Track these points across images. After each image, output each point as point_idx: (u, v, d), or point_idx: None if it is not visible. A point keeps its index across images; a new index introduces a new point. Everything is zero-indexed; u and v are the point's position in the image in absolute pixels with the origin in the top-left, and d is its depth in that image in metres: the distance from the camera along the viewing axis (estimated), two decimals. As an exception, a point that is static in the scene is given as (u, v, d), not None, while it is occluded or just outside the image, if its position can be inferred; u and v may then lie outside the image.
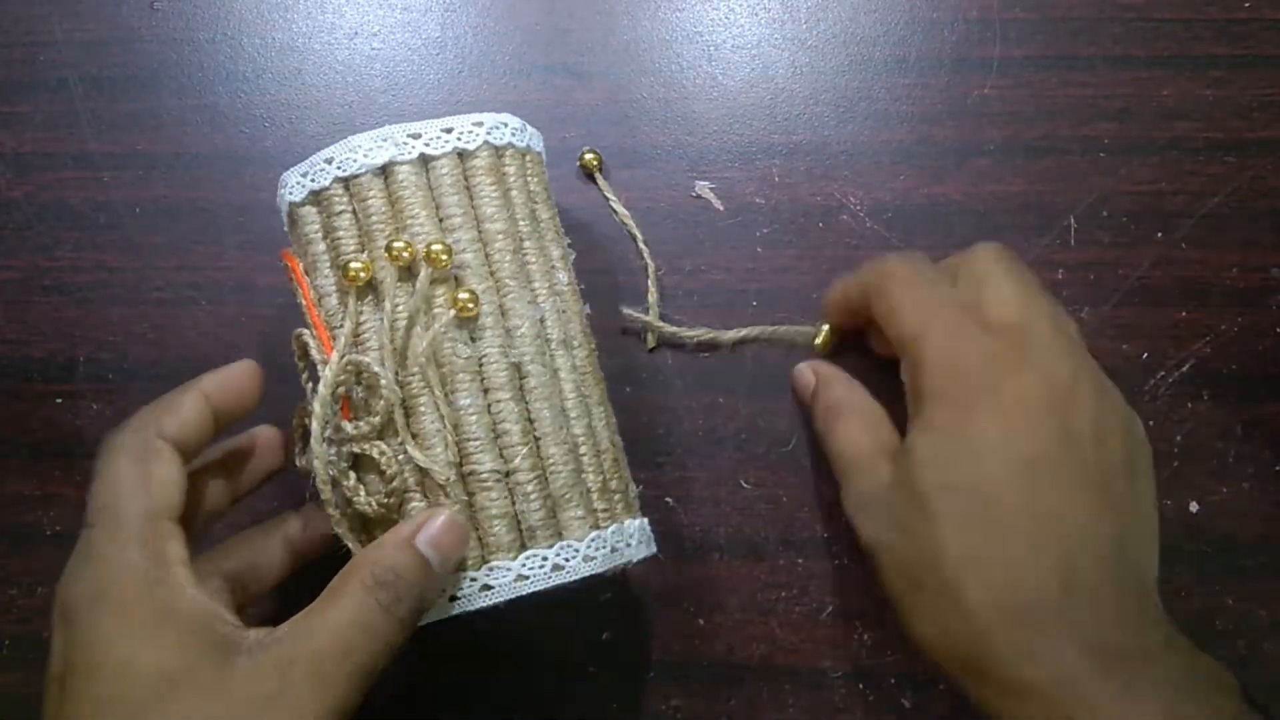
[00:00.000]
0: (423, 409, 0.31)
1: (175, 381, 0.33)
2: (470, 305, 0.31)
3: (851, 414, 0.35)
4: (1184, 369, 0.41)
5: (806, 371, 0.38)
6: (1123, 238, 0.42)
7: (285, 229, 0.35)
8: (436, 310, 0.32)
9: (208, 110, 0.44)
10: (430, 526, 0.29)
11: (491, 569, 0.31)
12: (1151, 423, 0.41)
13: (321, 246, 0.33)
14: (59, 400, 0.42)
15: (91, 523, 0.29)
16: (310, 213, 0.33)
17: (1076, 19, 0.44)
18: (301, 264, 0.33)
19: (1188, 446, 0.41)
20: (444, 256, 0.31)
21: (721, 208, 0.43)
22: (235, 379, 0.33)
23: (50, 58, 0.45)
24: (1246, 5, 0.44)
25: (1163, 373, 0.41)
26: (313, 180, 0.32)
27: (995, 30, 0.44)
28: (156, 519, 0.29)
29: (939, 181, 0.43)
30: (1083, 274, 0.42)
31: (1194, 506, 0.40)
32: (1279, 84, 0.43)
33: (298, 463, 0.33)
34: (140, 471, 0.29)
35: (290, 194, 0.33)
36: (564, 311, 0.34)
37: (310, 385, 0.33)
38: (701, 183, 0.43)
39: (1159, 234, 0.42)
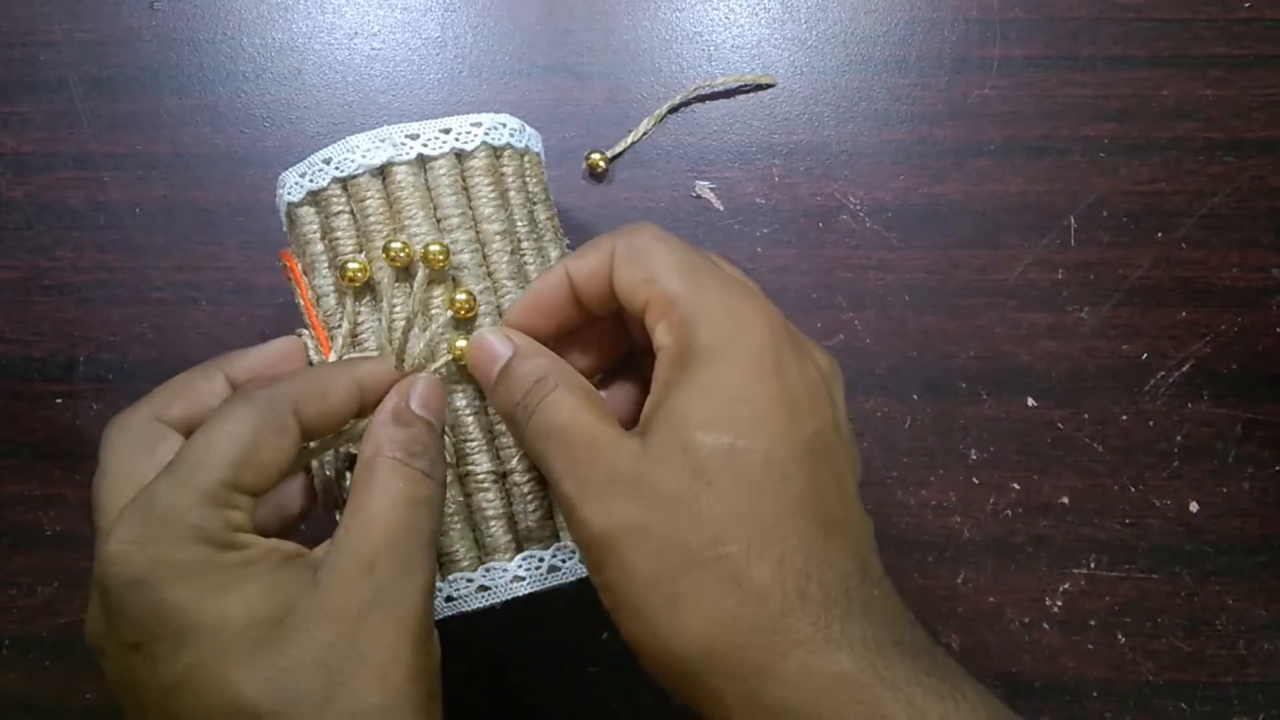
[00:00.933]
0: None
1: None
2: (467, 306, 0.31)
3: (566, 385, 0.28)
4: (1184, 369, 0.41)
5: (496, 341, 0.30)
6: (1123, 238, 0.42)
7: (284, 229, 0.35)
8: (434, 311, 0.32)
9: (208, 110, 0.44)
10: (417, 392, 0.29)
11: (488, 570, 0.31)
12: (1151, 423, 0.41)
13: (319, 247, 0.33)
14: (59, 400, 0.42)
15: (169, 471, 0.27)
16: (308, 213, 0.33)
17: (1076, 19, 0.44)
18: (300, 264, 0.33)
19: (1188, 446, 0.41)
20: (441, 257, 0.31)
21: (721, 208, 0.43)
22: (392, 374, 0.30)
23: (50, 58, 0.45)
24: (1246, 5, 0.44)
25: (1163, 373, 0.41)
26: (311, 180, 0.32)
27: (995, 30, 0.44)
28: (234, 491, 0.27)
29: (939, 181, 0.43)
30: (1083, 274, 0.42)
31: (1194, 506, 0.40)
32: (1279, 84, 0.43)
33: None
34: (252, 443, 0.27)
35: (288, 194, 0.33)
36: None
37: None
38: (701, 183, 0.43)
39: (1159, 234, 0.42)
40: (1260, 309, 0.41)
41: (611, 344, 0.32)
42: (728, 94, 0.44)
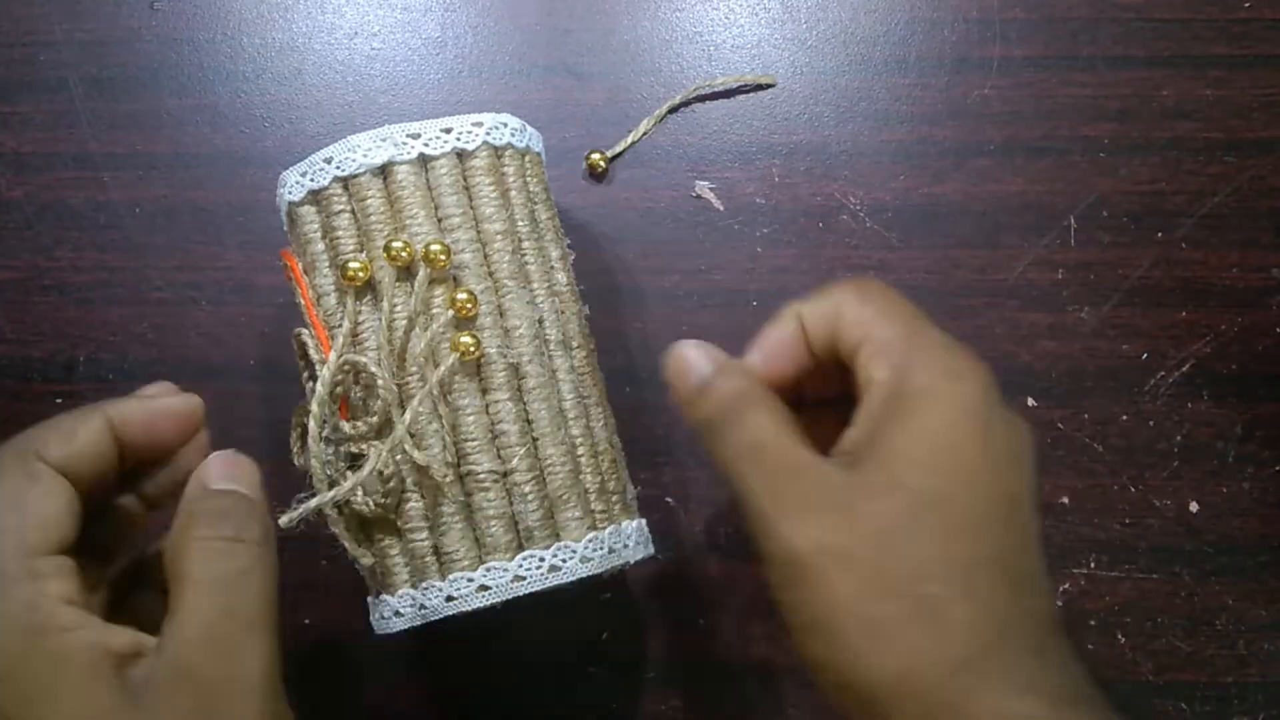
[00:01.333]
0: (421, 409, 0.31)
1: (175, 382, 0.32)
2: (468, 306, 0.31)
3: (765, 406, 0.28)
4: (1184, 369, 0.41)
5: (698, 355, 0.30)
6: (1123, 238, 0.42)
7: (284, 228, 0.35)
8: (435, 310, 0.32)
9: (208, 110, 0.44)
10: (212, 470, 0.28)
11: (488, 569, 0.31)
12: (1151, 423, 0.41)
13: (320, 246, 0.33)
14: (59, 400, 0.42)
15: None
16: (309, 212, 0.33)
17: (1076, 19, 0.44)
18: (300, 263, 0.33)
19: (1188, 446, 0.41)
20: (442, 257, 0.31)
21: (721, 208, 0.43)
22: (154, 412, 0.29)
23: (50, 58, 0.45)
24: (1246, 5, 0.44)
25: (1163, 373, 0.41)
26: (311, 180, 0.32)
27: (995, 30, 0.44)
28: (34, 557, 0.25)
29: (939, 181, 0.43)
30: (1083, 274, 0.42)
31: (1194, 506, 0.40)
32: (1279, 84, 0.43)
33: (296, 462, 0.33)
34: (15, 503, 0.25)
35: (289, 193, 0.33)
36: (563, 312, 0.34)
37: (310, 385, 0.33)
38: (701, 183, 0.43)
39: (1159, 234, 0.42)
40: (1260, 309, 0.41)
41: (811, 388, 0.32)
42: (728, 94, 0.44)
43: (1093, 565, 0.40)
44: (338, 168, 0.32)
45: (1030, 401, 0.41)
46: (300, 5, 0.45)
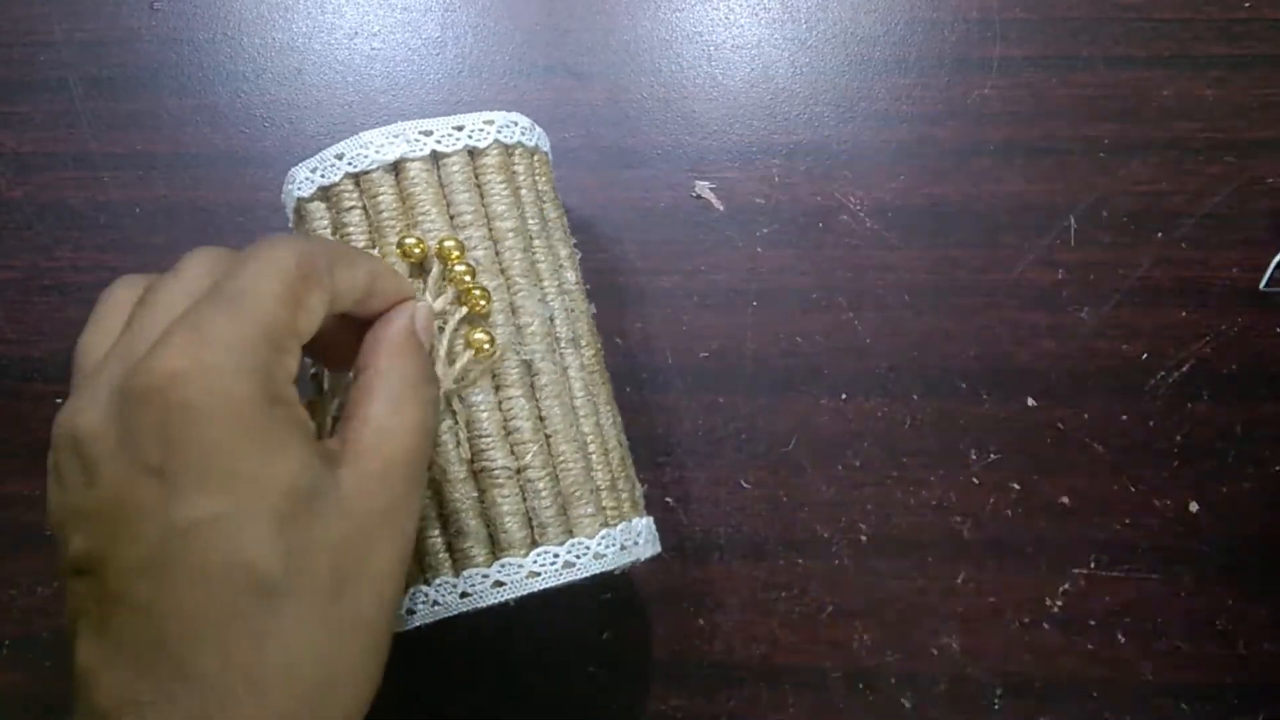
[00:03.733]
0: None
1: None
2: (482, 302, 0.31)
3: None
4: (1184, 369, 0.41)
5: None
6: (1123, 238, 0.42)
7: (290, 225, 0.35)
8: (448, 306, 0.32)
9: (208, 110, 0.44)
10: (420, 317, 0.29)
11: (503, 565, 0.31)
12: (1151, 423, 0.41)
13: None
14: (59, 400, 0.42)
15: (220, 301, 0.24)
16: (319, 208, 0.33)
17: (1076, 19, 0.44)
18: None
19: (1188, 446, 0.41)
20: (457, 252, 0.31)
21: (721, 208, 0.43)
22: (398, 289, 0.30)
23: (50, 58, 0.45)
24: (1246, 5, 0.44)
25: (1163, 373, 0.41)
26: (322, 176, 0.32)
27: (995, 30, 0.44)
28: (290, 334, 0.25)
29: (939, 181, 0.43)
30: (1083, 274, 0.42)
31: (1194, 506, 0.40)
32: (1279, 84, 0.43)
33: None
34: (301, 281, 0.25)
35: (298, 189, 0.33)
36: (572, 310, 0.34)
37: (320, 378, 0.33)
38: (701, 183, 0.43)
39: (1159, 234, 0.42)
40: (1260, 309, 0.41)
41: None
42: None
43: (1093, 565, 0.40)
44: (350, 164, 0.32)
45: (1030, 401, 0.41)
46: (300, 5, 0.45)
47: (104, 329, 0.28)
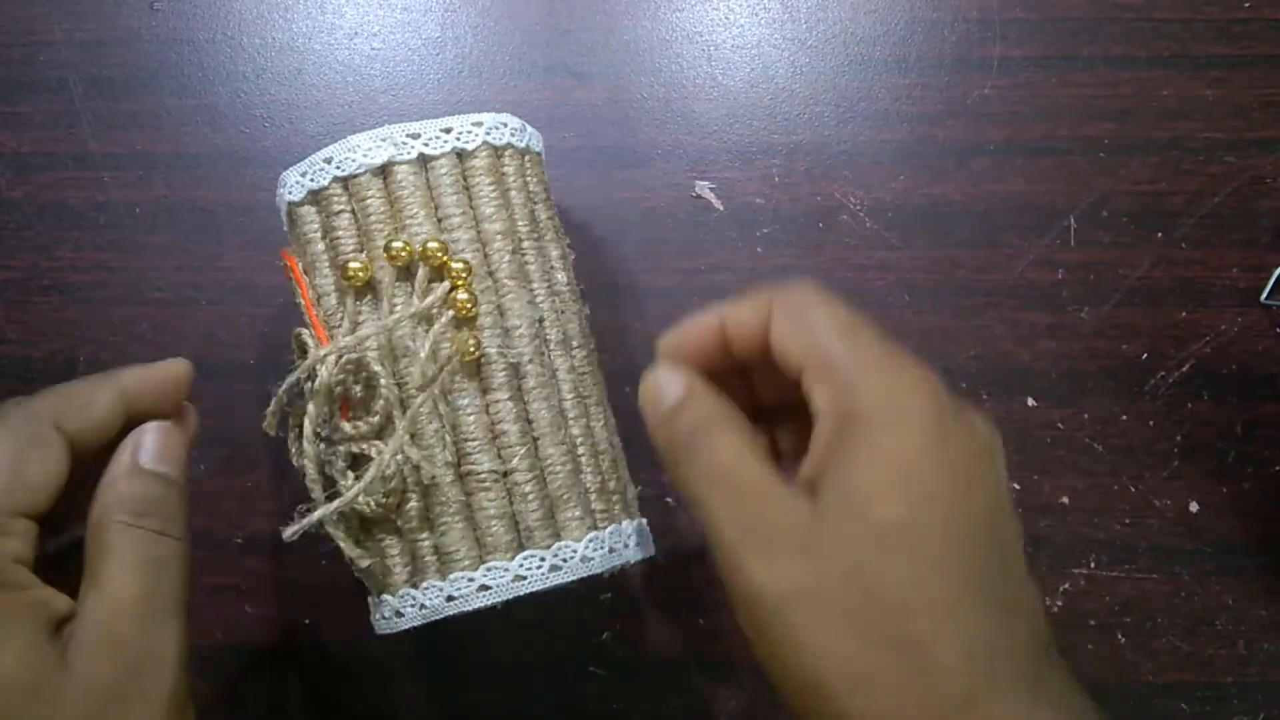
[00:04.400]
0: (421, 408, 0.31)
1: (175, 381, 0.32)
2: (468, 305, 0.31)
3: (735, 430, 0.27)
4: (1184, 369, 0.41)
5: (670, 380, 0.29)
6: (1123, 238, 0.42)
7: (284, 228, 0.35)
8: (435, 310, 0.32)
9: (208, 110, 0.44)
10: (147, 446, 0.29)
11: (489, 569, 0.31)
12: (1151, 423, 0.41)
13: (320, 246, 0.33)
14: (59, 400, 0.42)
15: None
16: (309, 212, 0.33)
17: (1076, 19, 0.44)
18: (301, 263, 0.33)
19: (1188, 446, 0.41)
20: (441, 256, 0.31)
21: (721, 208, 0.43)
22: (162, 381, 0.30)
23: (50, 58, 0.45)
24: (1246, 5, 0.44)
25: (1163, 373, 0.41)
26: (311, 180, 0.32)
27: (995, 30, 0.44)
28: (9, 515, 0.26)
29: (939, 181, 0.43)
30: (1083, 274, 0.42)
31: (1194, 506, 0.40)
32: (1279, 84, 0.43)
33: (295, 462, 0.33)
34: (17, 462, 0.26)
35: (289, 193, 0.33)
36: (563, 312, 0.34)
37: (309, 385, 0.33)
38: (701, 183, 0.43)
39: (1159, 234, 0.42)
40: (1260, 309, 0.41)
41: (745, 398, 0.30)
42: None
43: (1093, 565, 0.40)
44: (337, 168, 0.32)
45: (1030, 401, 0.41)
46: (300, 5, 0.45)
47: None
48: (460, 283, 0.32)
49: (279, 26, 0.45)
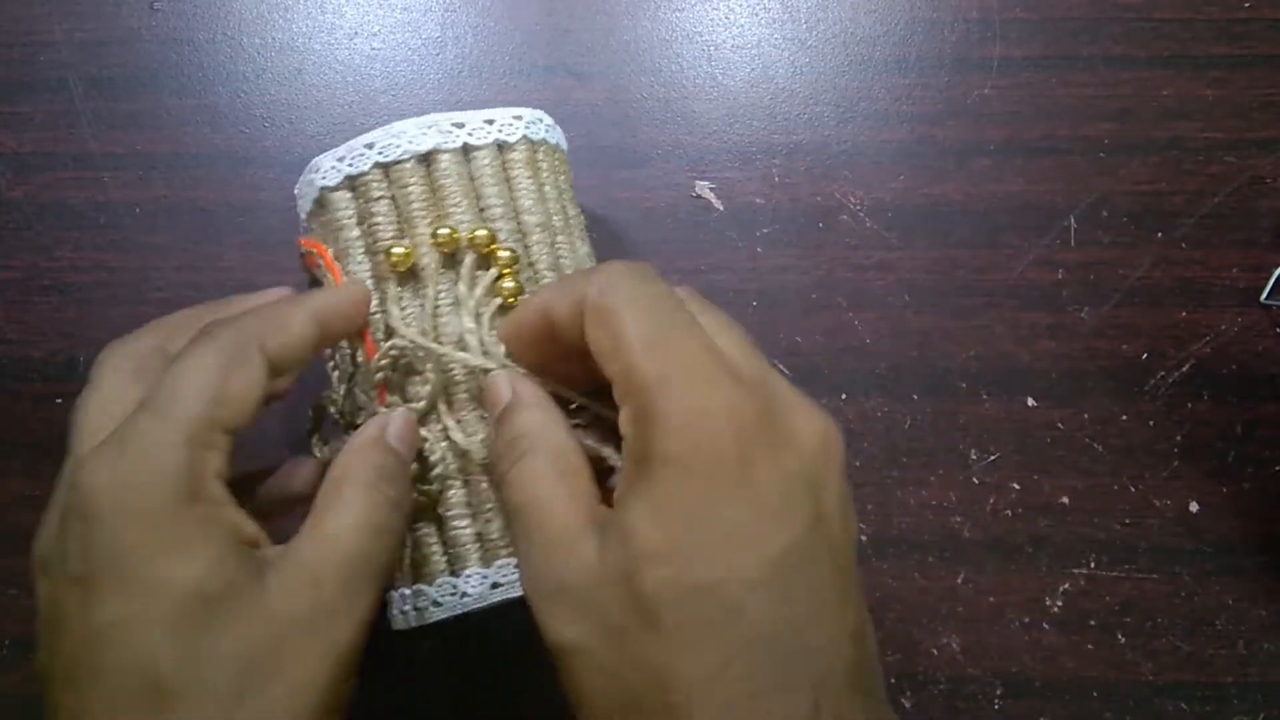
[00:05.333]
0: (464, 394, 0.31)
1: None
2: (515, 294, 0.31)
3: (543, 454, 0.26)
4: (1184, 369, 0.41)
5: (504, 384, 0.29)
6: (1123, 238, 0.42)
7: (304, 215, 0.34)
8: (482, 297, 0.32)
9: (208, 110, 0.44)
10: (394, 426, 0.29)
11: (500, 566, 0.31)
12: (1151, 423, 0.41)
13: (355, 233, 0.33)
14: (59, 400, 0.42)
15: (148, 406, 0.25)
16: (343, 198, 0.33)
17: (1076, 19, 0.44)
18: (331, 250, 0.33)
19: (1188, 446, 0.41)
20: (490, 243, 0.31)
21: (721, 208, 0.43)
22: (349, 304, 0.31)
23: (50, 58, 0.45)
24: (1246, 5, 0.44)
25: (1163, 373, 0.41)
26: (350, 165, 0.32)
27: (995, 30, 0.44)
28: (214, 429, 0.26)
29: (939, 181, 0.43)
30: (1083, 274, 0.42)
31: (1194, 506, 0.40)
32: (1279, 84, 0.43)
33: (316, 453, 0.33)
34: (223, 377, 0.26)
35: (323, 178, 0.33)
36: None
37: (336, 373, 0.32)
38: (701, 183, 0.43)
39: (1159, 234, 0.42)
40: (1260, 309, 0.41)
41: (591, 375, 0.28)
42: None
43: (1093, 565, 0.40)
44: (380, 153, 0.32)
45: (1030, 401, 0.41)
46: (300, 5, 0.45)
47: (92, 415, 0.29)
48: (507, 271, 0.32)
49: (279, 26, 0.45)
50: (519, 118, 0.33)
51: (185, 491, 0.25)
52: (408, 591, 0.33)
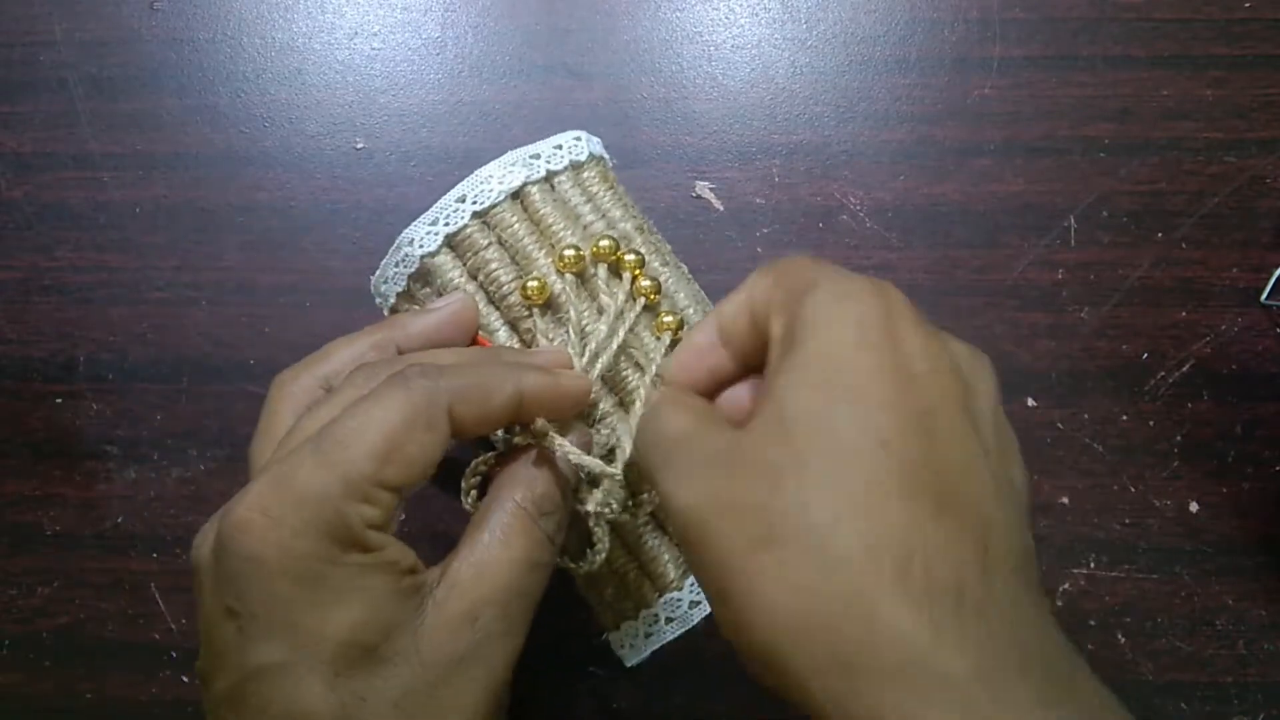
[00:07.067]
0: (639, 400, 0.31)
1: (175, 382, 0.32)
2: (654, 290, 0.32)
3: (681, 403, 0.26)
4: (1184, 369, 0.41)
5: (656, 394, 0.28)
6: (1123, 238, 0.42)
7: (394, 298, 0.34)
8: (624, 303, 0.32)
9: (208, 110, 0.44)
10: (565, 448, 0.28)
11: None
12: (1151, 423, 0.41)
13: (470, 288, 0.32)
14: (59, 400, 0.42)
15: (315, 447, 0.25)
16: (446, 262, 0.32)
17: (1076, 19, 0.44)
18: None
19: (1188, 446, 0.41)
20: (616, 251, 0.32)
21: (721, 208, 0.43)
22: (563, 397, 0.29)
23: (50, 58, 0.45)
24: (1246, 5, 0.44)
25: (1163, 373, 0.41)
26: (446, 224, 0.32)
27: (995, 30, 0.44)
28: (378, 485, 0.25)
29: (939, 181, 0.43)
30: (1083, 274, 0.42)
31: (1194, 506, 0.40)
32: (1279, 84, 0.43)
33: (469, 508, 0.31)
34: (401, 436, 0.25)
35: (421, 247, 0.32)
36: (698, 294, 0.34)
37: (503, 438, 0.30)
38: (701, 183, 0.43)
39: (1159, 234, 0.42)
40: (1260, 309, 0.41)
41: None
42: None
43: (1093, 565, 0.40)
44: (474, 203, 0.32)
45: (1030, 401, 0.41)
46: (300, 5, 0.45)
47: (267, 436, 0.29)
48: (638, 271, 0.32)
49: (279, 26, 0.45)
50: (579, 139, 0.34)
51: (342, 541, 0.24)
52: (628, 627, 0.33)
